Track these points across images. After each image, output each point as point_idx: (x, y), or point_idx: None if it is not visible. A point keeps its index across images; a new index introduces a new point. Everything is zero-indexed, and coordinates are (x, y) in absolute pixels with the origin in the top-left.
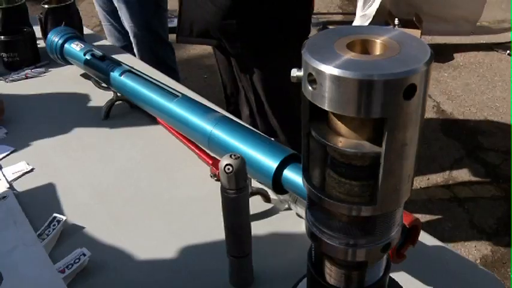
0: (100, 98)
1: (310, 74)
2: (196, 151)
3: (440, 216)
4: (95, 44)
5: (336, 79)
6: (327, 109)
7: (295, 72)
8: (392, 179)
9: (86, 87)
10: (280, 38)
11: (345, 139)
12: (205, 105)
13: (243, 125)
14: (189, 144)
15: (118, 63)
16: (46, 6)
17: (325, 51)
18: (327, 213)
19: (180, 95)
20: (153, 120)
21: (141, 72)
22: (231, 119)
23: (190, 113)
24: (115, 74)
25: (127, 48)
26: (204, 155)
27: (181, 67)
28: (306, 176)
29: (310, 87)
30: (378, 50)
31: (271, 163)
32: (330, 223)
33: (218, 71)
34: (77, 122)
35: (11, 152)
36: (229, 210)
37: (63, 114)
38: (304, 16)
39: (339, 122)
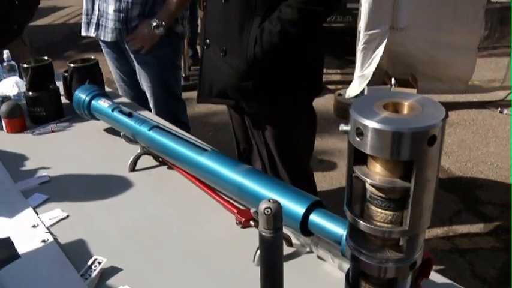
0: (124, 151)
1: (358, 128)
2: (221, 201)
3: (442, 267)
4: (114, 101)
5: (377, 131)
6: (368, 153)
7: (342, 127)
8: (419, 208)
9: (109, 141)
10: (292, 97)
11: (381, 177)
12: (233, 159)
13: (270, 176)
14: (214, 195)
15: (145, 119)
16: (72, 65)
17: (368, 111)
18: (365, 237)
19: (209, 149)
20: (177, 173)
21: (169, 128)
22: (259, 171)
23: (221, 166)
24: (143, 130)
25: (141, 105)
26: (228, 204)
27: None
28: (349, 208)
29: (357, 138)
30: (405, 110)
31: (298, 209)
32: (368, 246)
33: (232, 129)
34: (105, 173)
35: (45, 200)
36: (266, 249)
37: (90, 166)
38: (315, 77)
39: (376, 164)
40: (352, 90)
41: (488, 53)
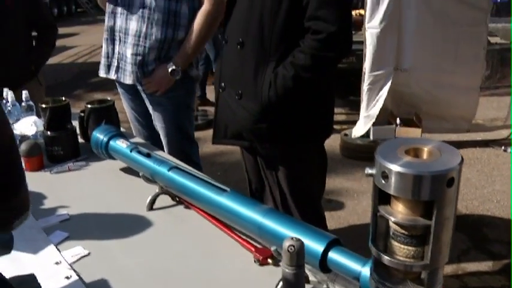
0: (140, 190)
1: (383, 172)
2: (239, 239)
3: None
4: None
5: (401, 175)
6: (392, 194)
7: (368, 171)
8: (439, 244)
9: (125, 180)
10: (305, 139)
11: (404, 215)
12: (252, 199)
13: (288, 215)
14: (231, 233)
15: (163, 160)
16: (89, 106)
17: (391, 156)
18: (389, 271)
19: (228, 189)
20: (194, 212)
21: (187, 168)
22: (278, 211)
23: (241, 206)
24: (163, 170)
25: (154, 145)
26: (245, 242)
27: None
28: (374, 244)
29: (382, 181)
30: (425, 154)
31: (318, 247)
32: (391, 279)
33: (244, 169)
34: (123, 212)
35: (66, 238)
36: (289, 285)
37: (108, 204)
38: (326, 119)
39: (399, 204)
40: (358, 130)
41: (490, 92)
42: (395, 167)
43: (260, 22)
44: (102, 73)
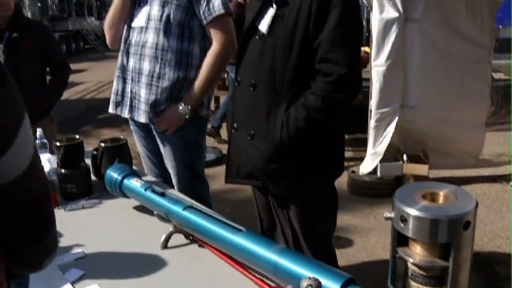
0: (153, 228)
1: (402, 216)
2: (253, 278)
3: None
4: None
5: (418, 219)
6: (411, 237)
7: (387, 214)
8: (456, 284)
9: (139, 218)
10: (317, 178)
11: (422, 257)
12: (267, 238)
13: (303, 254)
14: (245, 272)
15: (178, 199)
16: (103, 144)
17: (409, 200)
18: None
19: (243, 229)
20: (208, 251)
21: (202, 208)
22: (293, 250)
23: (256, 245)
24: (177, 209)
25: (166, 183)
26: (260, 281)
27: None
28: (393, 284)
29: (401, 224)
30: (441, 199)
31: (333, 286)
32: None
33: (256, 208)
34: (137, 250)
35: (82, 276)
36: None
37: (123, 243)
38: (338, 159)
39: (417, 246)
40: (365, 167)
41: (496, 128)
42: (413, 211)
43: (272, 64)
44: (110, 109)
